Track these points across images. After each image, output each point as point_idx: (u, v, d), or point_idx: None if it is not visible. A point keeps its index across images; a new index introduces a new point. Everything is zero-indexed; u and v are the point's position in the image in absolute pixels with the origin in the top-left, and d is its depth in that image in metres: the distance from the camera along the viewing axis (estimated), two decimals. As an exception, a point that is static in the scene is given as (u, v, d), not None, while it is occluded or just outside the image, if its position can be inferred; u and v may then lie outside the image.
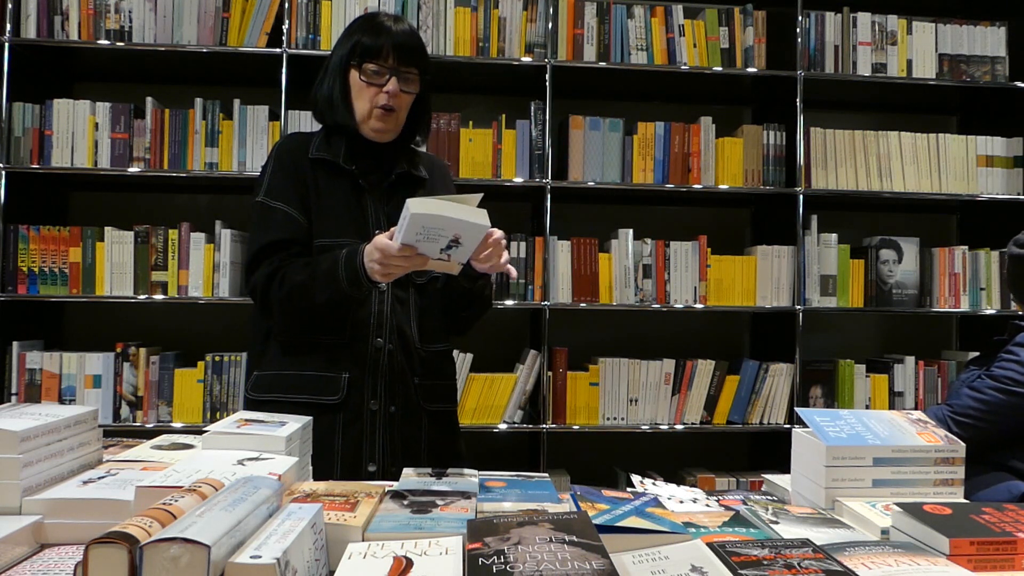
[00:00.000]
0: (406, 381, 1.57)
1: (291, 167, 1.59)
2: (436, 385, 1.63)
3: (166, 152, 2.64)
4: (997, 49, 2.90)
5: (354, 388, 1.53)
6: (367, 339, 1.54)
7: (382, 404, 1.54)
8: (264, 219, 1.56)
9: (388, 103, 1.55)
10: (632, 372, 2.72)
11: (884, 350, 3.11)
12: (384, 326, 1.55)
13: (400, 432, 1.56)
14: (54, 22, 2.62)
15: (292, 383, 1.55)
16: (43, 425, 1.03)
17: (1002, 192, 2.88)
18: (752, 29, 2.81)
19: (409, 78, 1.57)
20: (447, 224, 1.29)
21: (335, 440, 1.52)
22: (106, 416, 2.56)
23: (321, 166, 1.59)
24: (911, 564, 0.88)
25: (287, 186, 1.57)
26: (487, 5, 2.72)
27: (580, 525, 0.90)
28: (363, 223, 1.58)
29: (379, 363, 1.55)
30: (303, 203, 1.57)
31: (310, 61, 2.69)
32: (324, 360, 1.54)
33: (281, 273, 1.50)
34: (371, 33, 1.56)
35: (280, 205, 1.55)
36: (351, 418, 1.53)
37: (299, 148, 1.62)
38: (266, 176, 1.60)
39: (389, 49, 1.55)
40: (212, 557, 0.69)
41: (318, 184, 1.58)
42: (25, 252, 2.57)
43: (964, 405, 1.81)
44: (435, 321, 1.63)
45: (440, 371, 1.65)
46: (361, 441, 1.53)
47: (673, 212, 3.07)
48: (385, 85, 1.55)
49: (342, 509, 1.00)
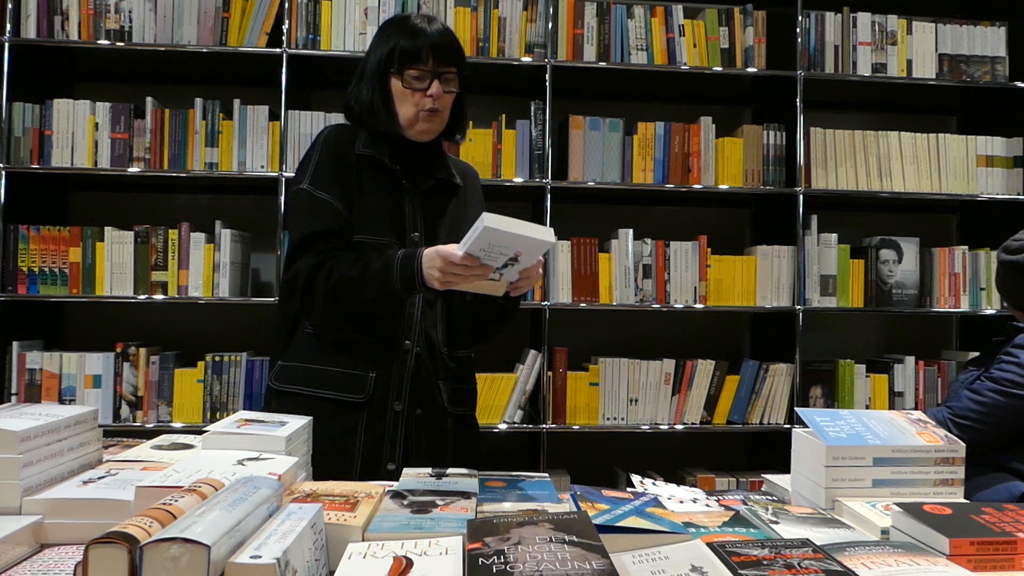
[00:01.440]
0: (432, 384, 1.57)
1: (337, 159, 1.58)
2: (460, 389, 1.63)
3: (166, 152, 2.64)
4: (997, 49, 2.90)
5: (380, 388, 1.53)
6: (395, 340, 1.55)
7: (406, 405, 1.54)
8: (309, 208, 1.55)
9: (432, 105, 1.54)
10: (632, 372, 2.72)
11: (884, 350, 3.11)
12: (413, 329, 1.56)
13: (426, 434, 1.56)
14: (54, 22, 2.62)
15: (317, 377, 1.54)
16: (43, 425, 1.03)
17: (1002, 192, 2.88)
18: (752, 29, 2.81)
19: (449, 78, 1.57)
20: (513, 242, 1.28)
21: (357, 438, 1.52)
22: (106, 416, 2.56)
23: (366, 163, 1.59)
24: (911, 564, 0.88)
25: (333, 178, 1.56)
26: (487, 5, 2.72)
27: (580, 525, 0.90)
28: (401, 223, 1.58)
29: (406, 365, 1.55)
30: (347, 196, 1.56)
31: (310, 61, 2.69)
32: (351, 357, 1.54)
33: (328, 265, 1.49)
34: (408, 37, 1.54)
35: (325, 196, 1.55)
36: (374, 417, 1.53)
37: (346, 141, 1.61)
38: (311, 164, 1.59)
39: (428, 52, 1.53)
40: (212, 557, 0.69)
41: (362, 180, 1.58)
42: (25, 252, 2.57)
43: (964, 407, 1.81)
44: (461, 327, 1.64)
45: (464, 376, 1.65)
46: (383, 440, 1.53)
47: (673, 212, 3.07)
48: (428, 89, 1.54)
49: (342, 509, 1.00)
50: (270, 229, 2.71)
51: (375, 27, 2.68)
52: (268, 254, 2.84)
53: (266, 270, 2.91)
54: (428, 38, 1.54)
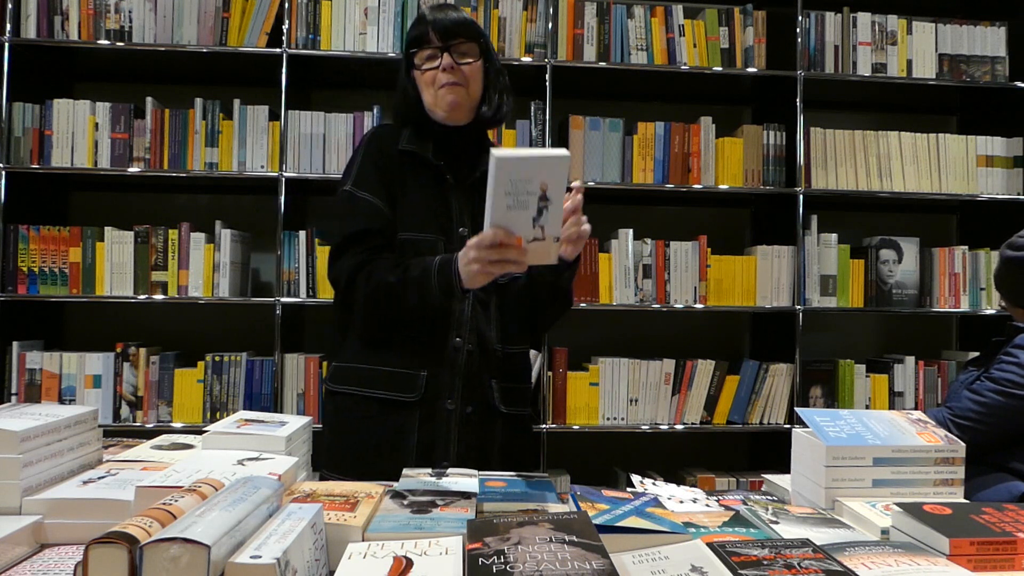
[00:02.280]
0: (483, 382, 1.56)
1: (379, 158, 1.58)
2: (513, 388, 1.61)
3: (166, 152, 2.64)
4: (997, 49, 2.90)
5: (431, 386, 1.52)
6: (446, 338, 1.53)
7: (458, 404, 1.53)
8: (351, 208, 1.55)
9: (449, 79, 1.53)
10: (632, 372, 2.72)
11: (884, 350, 3.11)
12: (464, 326, 1.54)
13: (475, 433, 1.54)
14: (54, 22, 2.62)
15: (370, 377, 1.54)
16: (43, 425, 1.03)
17: (1002, 192, 2.88)
18: (752, 29, 2.81)
19: (461, 49, 1.55)
20: (531, 168, 1.21)
21: (410, 437, 1.51)
22: (106, 416, 2.56)
23: (409, 159, 1.58)
24: (911, 564, 0.88)
25: (374, 177, 1.56)
26: (487, 5, 2.72)
27: (580, 525, 0.90)
28: (447, 219, 1.57)
29: (457, 362, 1.53)
30: (389, 195, 1.56)
31: (310, 61, 2.69)
32: (402, 356, 1.53)
33: (368, 268, 1.49)
34: (414, 28, 1.57)
35: (367, 195, 1.55)
36: (427, 416, 1.52)
37: (389, 139, 1.61)
38: (355, 165, 1.60)
39: (432, 31, 1.54)
40: (212, 557, 0.69)
41: (404, 177, 1.57)
42: (25, 252, 2.57)
43: (964, 408, 1.81)
44: (515, 323, 1.62)
45: (517, 374, 1.63)
46: (435, 439, 1.52)
47: (673, 212, 3.07)
48: (439, 64, 1.53)
49: (342, 509, 1.00)
50: (270, 229, 2.71)
51: (375, 27, 2.69)
52: (268, 254, 2.84)
53: (266, 270, 2.91)
54: (432, 23, 1.55)
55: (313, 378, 2.63)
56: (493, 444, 1.56)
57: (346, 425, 1.56)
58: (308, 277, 2.64)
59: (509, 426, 1.59)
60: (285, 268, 2.63)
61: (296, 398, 2.63)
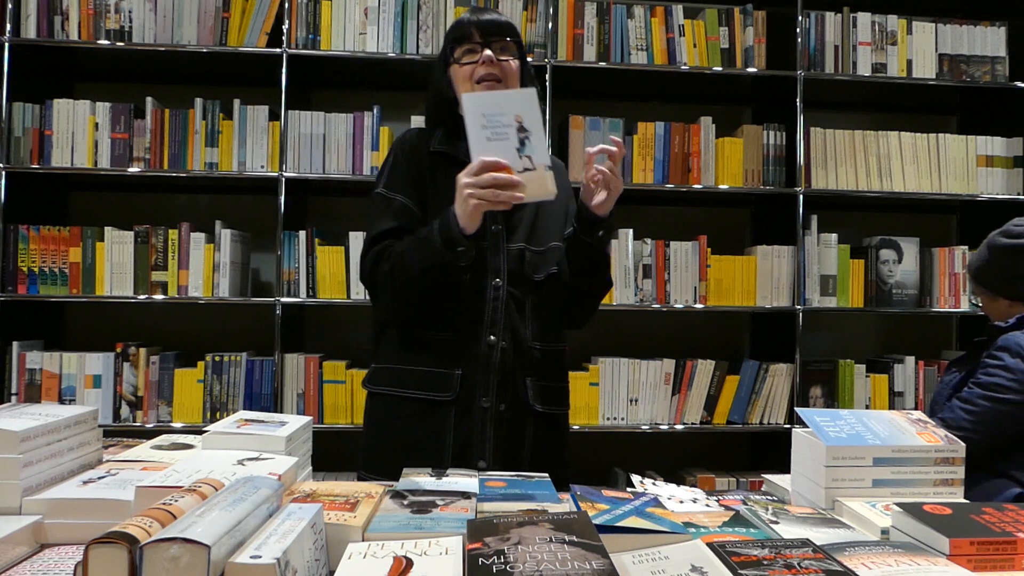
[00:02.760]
0: (517, 380, 1.56)
1: (410, 160, 1.60)
2: (547, 386, 1.60)
3: (166, 152, 2.64)
4: (997, 49, 2.90)
5: (467, 385, 1.52)
6: (480, 336, 1.53)
7: (493, 402, 1.53)
8: (381, 209, 1.57)
9: (488, 72, 1.54)
10: (632, 372, 2.72)
11: (884, 350, 3.11)
12: (497, 324, 1.54)
13: (508, 431, 1.54)
14: (54, 22, 2.62)
15: (406, 378, 1.55)
16: (43, 425, 1.03)
17: (1002, 192, 2.88)
18: (752, 29, 2.81)
19: (502, 46, 1.56)
20: (500, 103, 1.33)
21: (446, 436, 1.51)
22: (106, 416, 2.56)
23: (441, 160, 1.59)
24: (911, 564, 0.88)
25: (404, 178, 1.58)
26: (487, 5, 2.72)
27: (580, 525, 0.90)
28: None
29: (491, 361, 1.53)
30: (419, 195, 1.57)
31: (310, 61, 2.69)
32: (437, 356, 1.54)
33: (388, 251, 1.51)
34: (456, 28, 1.58)
35: (398, 196, 1.57)
36: (462, 414, 1.52)
37: (420, 141, 1.62)
38: (386, 168, 1.62)
39: (473, 28, 1.56)
40: (212, 557, 0.69)
41: (436, 177, 1.58)
42: (25, 252, 2.57)
43: (957, 418, 1.79)
44: (551, 320, 1.62)
45: (553, 372, 1.63)
46: (471, 438, 1.52)
47: (673, 212, 3.07)
48: (479, 59, 1.54)
49: (342, 509, 1.00)
50: (270, 229, 2.71)
51: (375, 27, 2.69)
52: (268, 254, 2.84)
53: (266, 270, 2.91)
54: (472, 20, 1.57)
55: (313, 378, 2.63)
56: (523, 444, 1.56)
57: (383, 426, 1.57)
58: (308, 277, 2.64)
59: (542, 425, 1.59)
60: (285, 268, 2.63)
61: (296, 398, 2.63)
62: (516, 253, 1.56)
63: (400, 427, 1.54)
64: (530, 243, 1.57)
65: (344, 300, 2.64)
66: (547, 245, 1.59)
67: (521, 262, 1.56)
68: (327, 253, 2.65)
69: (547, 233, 1.60)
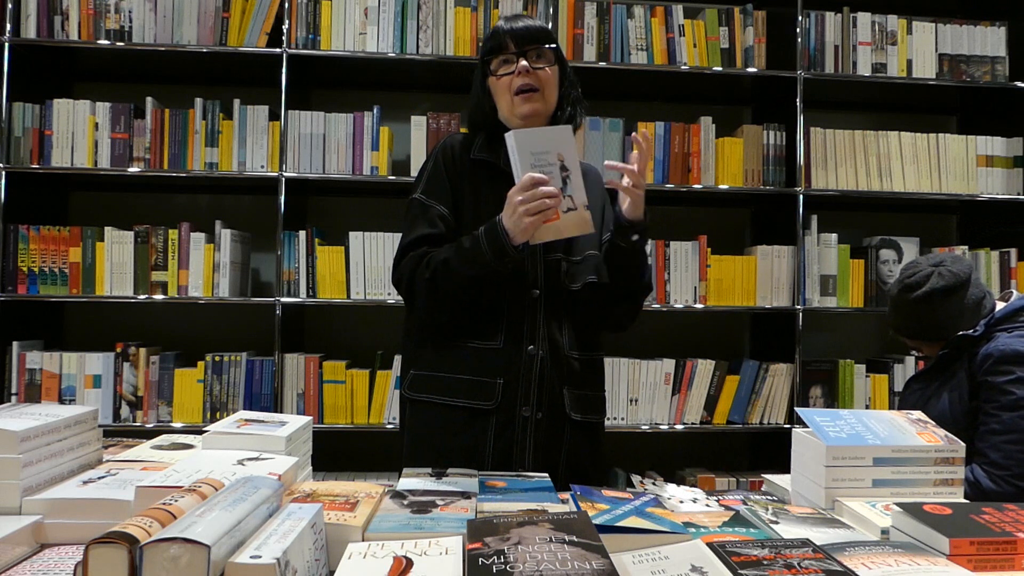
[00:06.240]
0: (555, 389, 1.56)
1: (450, 167, 1.61)
2: (584, 395, 1.61)
3: (166, 152, 2.64)
4: (997, 49, 2.90)
5: (508, 394, 1.53)
6: (520, 345, 1.54)
7: (532, 411, 1.54)
8: (417, 216, 1.58)
9: (525, 83, 1.54)
10: (632, 372, 2.72)
11: (884, 350, 3.11)
12: (537, 332, 1.55)
13: (546, 439, 1.55)
14: (54, 22, 2.62)
15: (447, 386, 1.55)
16: (43, 425, 1.03)
17: (1002, 192, 2.88)
18: (752, 29, 2.81)
19: (538, 53, 1.57)
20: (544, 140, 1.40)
21: (487, 444, 1.52)
22: (106, 416, 2.56)
23: (482, 167, 1.60)
24: (911, 564, 0.88)
25: (442, 186, 1.59)
26: (487, 5, 2.72)
27: (580, 525, 0.90)
28: None
29: (532, 370, 1.54)
30: (456, 203, 1.58)
31: (310, 61, 2.69)
32: (478, 364, 1.54)
33: (428, 258, 1.52)
34: (491, 38, 1.59)
35: (434, 203, 1.58)
36: (503, 423, 1.53)
37: (460, 149, 1.63)
38: (425, 174, 1.63)
39: (507, 38, 1.56)
40: (212, 557, 0.69)
41: (476, 185, 1.59)
42: (25, 252, 2.57)
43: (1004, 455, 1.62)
44: (588, 330, 1.63)
45: (590, 381, 1.64)
46: (512, 446, 1.53)
47: (673, 212, 3.07)
48: (515, 69, 1.54)
49: (342, 509, 1.00)
50: (270, 229, 2.71)
51: (375, 27, 2.69)
52: (268, 254, 2.84)
53: (266, 270, 2.91)
54: (506, 29, 1.57)
55: (313, 378, 2.63)
56: (560, 452, 1.57)
57: (427, 433, 1.57)
58: (308, 277, 2.64)
59: (579, 433, 1.59)
60: (285, 268, 2.63)
61: (296, 398, 2.63)
62: (553, 263, 1.57)
63: (445, 434, 1.54)
64: (567, 253, 1.58)
65: (344, 300, 2.64)
66: (583, 255, 1.60)
67: (558, 272, 1.57)
68: (327, 253, 2.65)
69: (583, 243, 1.60)
